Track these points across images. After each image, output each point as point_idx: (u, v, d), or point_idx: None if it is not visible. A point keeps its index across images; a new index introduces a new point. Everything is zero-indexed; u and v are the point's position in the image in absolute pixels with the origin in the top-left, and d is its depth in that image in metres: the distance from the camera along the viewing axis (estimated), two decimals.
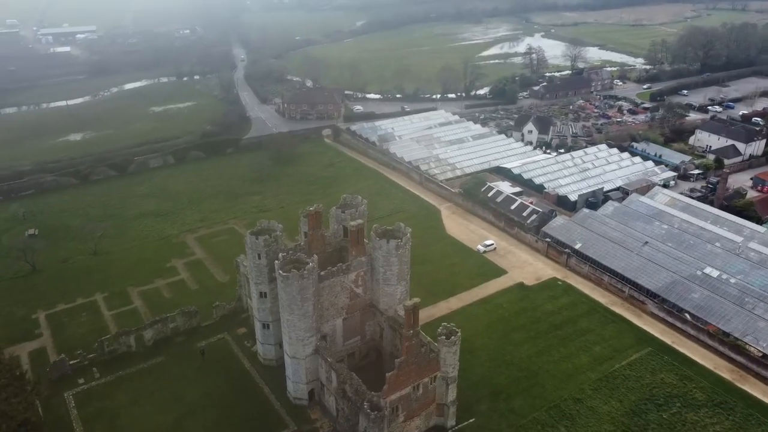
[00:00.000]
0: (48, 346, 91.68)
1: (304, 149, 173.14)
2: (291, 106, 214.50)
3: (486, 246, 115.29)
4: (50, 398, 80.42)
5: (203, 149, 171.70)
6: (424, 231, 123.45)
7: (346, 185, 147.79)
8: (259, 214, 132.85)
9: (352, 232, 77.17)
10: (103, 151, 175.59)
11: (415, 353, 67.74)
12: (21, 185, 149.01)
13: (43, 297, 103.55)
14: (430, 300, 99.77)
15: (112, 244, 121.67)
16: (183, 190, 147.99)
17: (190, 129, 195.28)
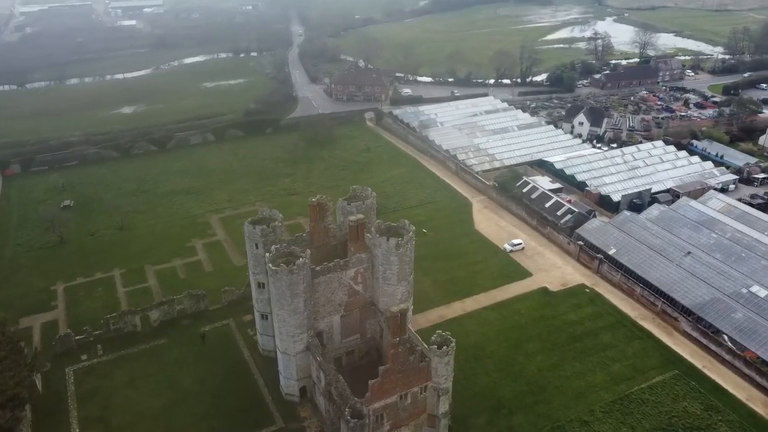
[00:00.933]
0: (61, 319, 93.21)
1: (343, 132, 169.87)
2: (338, 87, 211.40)
3: (513, 245, 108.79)
4: (52, 372, 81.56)
5: (243, 128, 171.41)
6: (451, 225, 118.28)
7: (379, 172, 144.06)
8: (287, 197, 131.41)
9: (351, 227, 73.23)
10: (149, 125, 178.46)
11: (402, 361, 63.52)
12: (65, 156, 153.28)
13: (64, 269, 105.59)
14: (444, 299, 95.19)
15: (139, 220, 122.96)
16: (217, 168, 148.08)
17: (236, 107, 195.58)
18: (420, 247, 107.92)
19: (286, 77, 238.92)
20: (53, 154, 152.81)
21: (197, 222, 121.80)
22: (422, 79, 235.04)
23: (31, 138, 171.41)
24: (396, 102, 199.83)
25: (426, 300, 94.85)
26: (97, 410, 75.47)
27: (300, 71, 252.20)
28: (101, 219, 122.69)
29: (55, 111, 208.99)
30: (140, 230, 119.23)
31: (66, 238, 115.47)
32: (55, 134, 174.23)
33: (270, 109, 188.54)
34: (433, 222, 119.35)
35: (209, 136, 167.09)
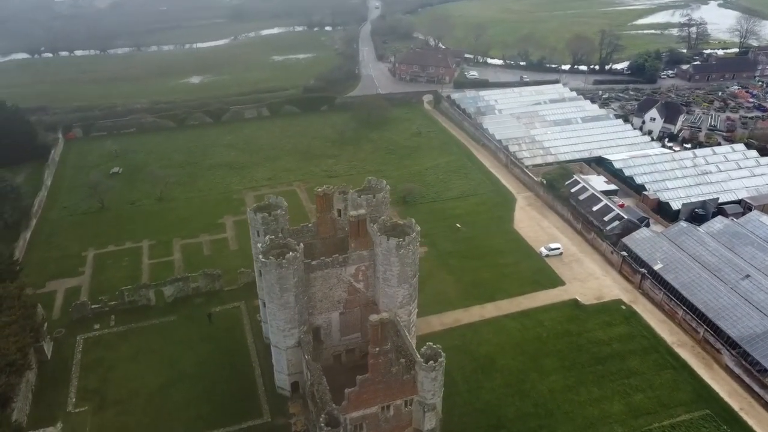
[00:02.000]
0: (84, 285, 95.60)
1: (397, 114, 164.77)
2: (402, 67, 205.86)
3: (551, 249, 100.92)
4: (64, 339, 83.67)
5: (299, 104, 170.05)
6: (488, 221, 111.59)
7: (425, 158, 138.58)
8: (326, 179, 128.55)
9: (352, 222, 69.14)
10: (210, 96, 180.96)
11: (383, 372, 59.39)
12: (124, 123, 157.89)
13: (98, 236, 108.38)
14: (463, 302, 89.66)
15: (179, 192, 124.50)
16: (264, 144, 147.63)
17: (299, 82, 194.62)
18: (450, 243, 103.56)
19: (354, 53, 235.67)
20: (113, 120, 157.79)
21: (232, 198, 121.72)
22: (492, 61, 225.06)
23: (101, 103, 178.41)
24: (460, 85, 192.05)
25: (444, 301, 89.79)
26: (97, 382, 76.51)
27: (369, 48, 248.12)
28: (144, 188, 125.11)
29: (130, 77, 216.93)
30: (177, 202, 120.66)
31: (107, 205, 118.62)
32: (123, 100, 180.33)
33: (329, 86, 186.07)
34: (469, 216, 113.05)
35: (264, 111, 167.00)
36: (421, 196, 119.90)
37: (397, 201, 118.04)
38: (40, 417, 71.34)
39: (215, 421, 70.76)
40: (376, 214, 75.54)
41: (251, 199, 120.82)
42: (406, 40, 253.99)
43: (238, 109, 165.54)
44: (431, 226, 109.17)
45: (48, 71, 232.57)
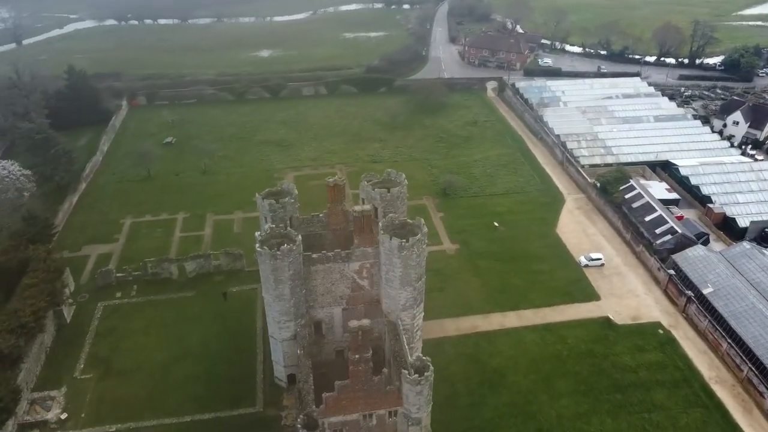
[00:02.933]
0: (115, 253, 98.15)
1: (456, 100, 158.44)
2: (471, 50, 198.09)
3: (591, 259, 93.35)
4: (86, 305, 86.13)
5: (357, 84, 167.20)
6: (530, 222, 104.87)
7: (476, 149, 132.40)
8: (368, 164, 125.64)
9: (356, 218, 65.80)
10: (275, 71, 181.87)
11: (363, 380, 56.25)
12: (186, 93, 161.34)
13: (138, 204, 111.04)
14: (485, 308, 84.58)
15: (223, 166, 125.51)
16: (315, 124, 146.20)
17: (364, 61, 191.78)
18: (484, 243, 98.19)
19: (426, 34, 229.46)
20: (175, 90, 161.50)
21: (273, 177, 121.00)
22: (571, 49, 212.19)
23: (170, 72, 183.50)
24: (530, 73, 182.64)
25: (465, 305, 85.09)
26: (107, 350, 78.19)
27: (443, 29, 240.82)
28: (191, 160, 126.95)
29: (203, 48, 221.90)
30: (219, 176, 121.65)
31: (153, 174, 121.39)
32: (192, 71, 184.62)
33: (393, 67, 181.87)
34: (511, 216, 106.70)
35: (322, 89, 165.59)
36: (462, 190, 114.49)
37: (437, 193, 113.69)
38: (49, 379, 73.70)
39: (209, 403, 70.40)
40: (390, 209, 71.90)
41: (290, 179, 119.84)
42: (483, 22, 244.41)
43: (297, 86, 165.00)
44: (467, 223, 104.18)
45: (130, 38, 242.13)
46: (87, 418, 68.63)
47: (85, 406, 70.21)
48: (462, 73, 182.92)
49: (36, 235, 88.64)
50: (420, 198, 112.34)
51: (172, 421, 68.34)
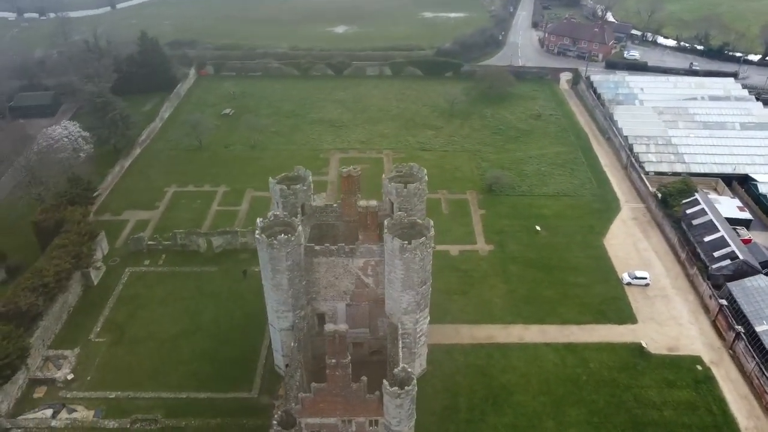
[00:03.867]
0: (153, 220, 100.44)
1: (522, 90, 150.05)
2: (551, 38, 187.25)
3: (635, 277, 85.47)
4: (115, 269, 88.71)
5: (423, 67, 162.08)
6: (576, 229, 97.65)
7: (533, 145, 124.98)
8: (416, 151, 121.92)
9: (361, 213, 62.72)
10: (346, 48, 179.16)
11: (341, 386, 53.66)
12: (252, 66, 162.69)
13: (184, 174, 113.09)
14: (506, 317, 79.62)
15: (273, 142, 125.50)
16: (372, 105, 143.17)
17: (437, 43, 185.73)
18: (520, 247, 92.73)
19: (507, 17, 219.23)
20: (243, 62, 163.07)
21: (319, 157, 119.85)
22: (664, 42, 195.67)
23: (244, 43, 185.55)
24: (612, 65, 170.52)
25: (485, 312, 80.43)
26: (124, 316, 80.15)
27: (527, 12, 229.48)
28: (243, 133, 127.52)
29: (281, 20, 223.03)
30: (267, 152, 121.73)
31: (204, 144, 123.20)
32: (266, 42, 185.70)
33: (465, 51, 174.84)
34: (557, 220, 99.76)
35: (386, 70, 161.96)
36: (510, 187, 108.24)
37: (482, 188, 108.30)
38: (66, 339, 76.48)
39: (207, 382, 70.48)
40: (405, 206, 68.35)
41: (335, 161, 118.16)
42: (572, 8, 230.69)
43: (362, 65, 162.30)
44: (508, 223, 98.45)
45: (216, 6, 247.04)
46: (91, 382, 70.58)
47: (92, 369, 72.25)
48: (537, 61, 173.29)
49: (76, 196, 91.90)
50: (463, 192, 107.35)
51: (169, 396, 68.95)
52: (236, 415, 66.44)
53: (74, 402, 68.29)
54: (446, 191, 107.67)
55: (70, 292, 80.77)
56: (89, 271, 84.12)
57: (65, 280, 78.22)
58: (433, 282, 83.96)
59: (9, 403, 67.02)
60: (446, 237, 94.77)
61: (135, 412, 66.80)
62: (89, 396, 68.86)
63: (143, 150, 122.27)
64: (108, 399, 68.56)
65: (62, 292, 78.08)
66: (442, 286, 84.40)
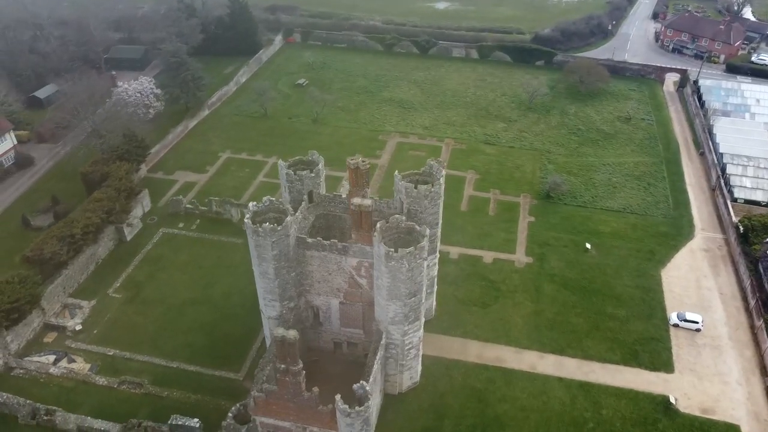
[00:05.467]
0: (200, 183, 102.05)
1: (617, 88, 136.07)
2: (667, 32, 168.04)
3: (685, 320, 74.69)
4: (150, 227, 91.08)
5: (513, 53, 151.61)
6: (632, 253, 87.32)
7: (610, 152, 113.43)
8: (479, 144, 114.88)
9: (354, 212, 58.48)
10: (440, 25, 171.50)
11: (293, 392, 50.73)
12: (338, 37, 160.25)
13: (241, 141, 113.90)
14: (522, 341, 72.82)
15: (335, 118, 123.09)
16: (448, 89, 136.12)
17: (539, 27, 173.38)
18: (562, 264, 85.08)
19: (626, 5, 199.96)
20: (328, 32, 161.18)
21: (377, 139, 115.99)
22: None
23: (340, 12, 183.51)
24: (734, 69, 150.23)
25: (501, 331, 73.99)
26: (144, 276, 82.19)
27: (650, 1, 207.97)
28: (309, 105, 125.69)
29: None
30: (326, 128, 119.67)
31: (270, 114, 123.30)
32: (362, 14, 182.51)
33: (565, 39, 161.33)
34: (613, 239, 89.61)
35: (473, 53, 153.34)
36: (570, 196, 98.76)
37: (538, 193, 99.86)
38: (86, 290, 79.73)
39: (199, 356, 70.63)
40: (416, 208, 63.52)
41: (392, 145, 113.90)
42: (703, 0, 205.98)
43: (448, 46, 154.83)
44: (555, 236, 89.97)
45: None
46: (96, 336, 73.06)
47: (101, 323, 74.79)
48: (645, 58, 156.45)
49: (126, 152, 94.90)
50: (517, 195, 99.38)
51: (160, 363, 69.85)
52: (217, 394, 65.89)
53: (76, 353, 71.11)
54: (498, 191, 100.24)
55: (101, 245, 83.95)
56: (123, 227, 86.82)
57: (94, 234, 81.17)
58: (455, 290, 79.84)
59: (20, 343, 70.95)
60: (483, 242, 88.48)
61: (125, 373, 68.39)
62: (90, 349, 71.35)
63: (211, 113, 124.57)
64: (105, 356, 70.67)
65: (90, 245, 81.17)
66: (463, 295, 78.92)
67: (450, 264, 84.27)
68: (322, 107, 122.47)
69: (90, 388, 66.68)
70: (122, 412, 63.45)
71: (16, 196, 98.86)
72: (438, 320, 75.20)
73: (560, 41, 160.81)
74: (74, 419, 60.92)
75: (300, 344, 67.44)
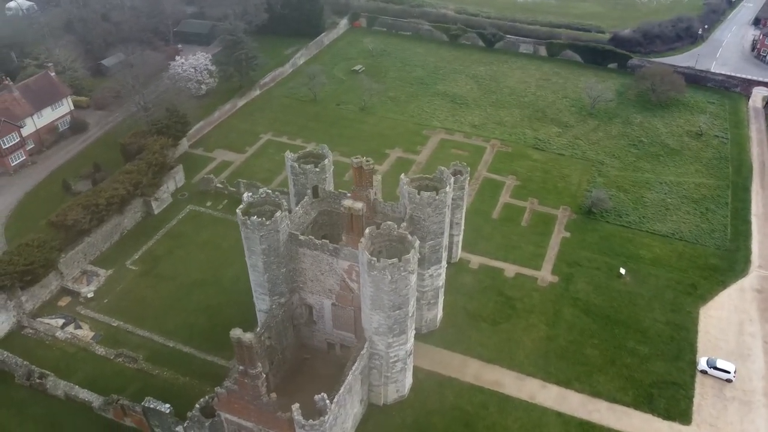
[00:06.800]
0: (236, 163, 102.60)
1: (693, 100, 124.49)
2: (765, 41, 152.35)
3: (715, 368, 67.20)
4: (178, 203, 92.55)
5: (584, 53, 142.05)
6: (670, 285, 79.87)
7: (671, 169, 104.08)
8: (526, 148, 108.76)
9: (344, 215, 56.00)
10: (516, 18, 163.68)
11: (252, 394, 49.27)
12: (404, 24, 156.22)
13: (285, 124, 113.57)
14: (526, 368, 68.25)
15: (383, 108, 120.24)
16: (508, 87, 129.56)
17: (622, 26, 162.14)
18: (589, 288, 79.75)
19: (724, 8, 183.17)
20: (394, 19, 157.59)
21: (420, 133, 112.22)
22: None
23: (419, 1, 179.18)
24: None
25: (506, 353, 69.70)
26: (163, 251, 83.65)
27: (753, 4, 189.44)
28: (358, 93, 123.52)
29: None
30: (372, 117, 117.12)
31: (319, 98, 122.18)
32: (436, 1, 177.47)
33: (647, 42, 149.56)
34: (652, 267, 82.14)
35: (541, 50, 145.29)
36: (614, 214, 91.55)
37: (579, 207, 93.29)
38: (106, 258, 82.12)
39: (196, 338, 71.09)
40: (419, 215, 60.51)
41: (435, 141, 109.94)
42: None
43: (515, 41, 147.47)
44: (588, 256, 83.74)
45: None
46: (105, 305, 75.09)
47: (112, 293, 76.79)
48: (735, 68, 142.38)
49: (166, 127, 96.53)
50: (555, 207, 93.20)
51: (158, 340, 70.85)
52: (205, 379, 65.81)
53: (84, 320, 73.36)
54: (536, 201, 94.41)
55: (127, 216, 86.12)
56: (150, 201, 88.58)
57: (118, 205, 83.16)
58: (466, 302, 76.06)
59: (35, 303, 73.99)
60: (509, 254, 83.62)
61: (124, 346, 69.89)
62: (97, 318, 73.42)
63: (262, 93, 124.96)
64: (110, 326, 72.48)
65: (115, 215, 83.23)
66: (474, 308, 74.98)
67: (468, 274, 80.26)
68: (370, 96, 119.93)
69: (88, 356, 68.58)
70: (112, 385, 64.83)
71: (65, 159, 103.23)
72: (442, 332, 71.84)
73: (640, 43, 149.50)
74: (63, 386, 62.71)
75: (294, 340, 67.17)
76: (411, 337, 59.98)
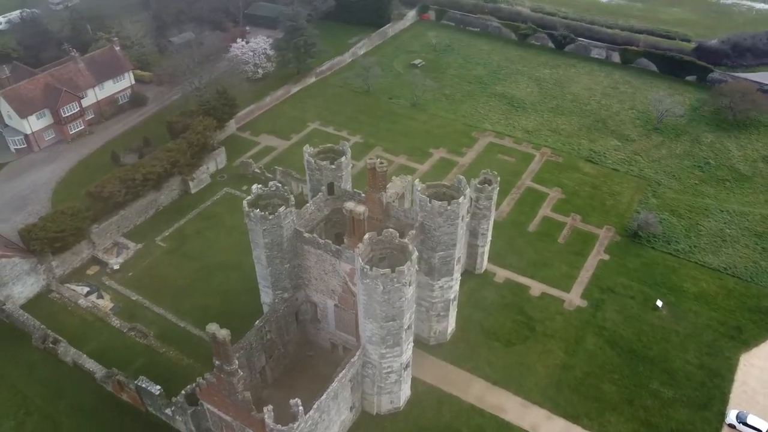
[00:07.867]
0: (279, 149, 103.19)
1: None
2: None
3: (745, 424, 61.03)
4: (217, 185, 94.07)
5: (660, 62, 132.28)
6: (711, 325, 73.26)
7: (736, 197, 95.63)
8: (577, 159, 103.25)
9: (347, 218, 54.36)
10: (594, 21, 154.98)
11: (229, 390, 48.87)
12: (473, 20, 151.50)
13: (335, 114, 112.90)
14: (532, 395, 64.66)
15: (435, 106, 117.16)
16: (570, 93, 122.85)
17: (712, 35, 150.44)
18: (619, 317, 75.23)
19: None
20: (463, 14, 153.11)
21: (469, 135, 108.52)
22: None
23: None
24: None
25: (515, 378, 66.12)
26: (192, 231, 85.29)
27: None
28: (413, 88, 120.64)
29: None
30: (422, 114, 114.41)
31: (373, 90, 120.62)
32: None
33: (735, 54, 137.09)
34: (694, 303, 75.56)
35: (614, 56, 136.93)
36: (663, 239, 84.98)
37: (625, 228, 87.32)
38: (138, 232, 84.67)
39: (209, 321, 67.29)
40: (430, 223, 58.19)
41: (481, 145, 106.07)
42: None
43: (586, 45, 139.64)
44: (625, 283, 78.25)
45: None
46: (129, 278, 77.43)
47: (138, 267, 79.08)
48: None
49: (213, 109, 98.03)
50: (599, 226, 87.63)
51: (171, 319, 72.29)
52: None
53: (107, 290, 75.94)
54: (579, 217, 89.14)
55: (163, 193, 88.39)
56: (188, 180, 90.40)
57: (155, 181, 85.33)
58: (484, 317, 73.14)
59: (65, 270, 77.28)
60: (538, 271, 79.43)
61: (139, 320, 71.80)
62: (119, 290, 75.85)
63: (316, 81, 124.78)
64: (129, 299, 74.65)
65: (152, 191, 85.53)
66: (490, 325, 71.83)
67: (491, 288, 76.88)
68: (423, 92, 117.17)
69: (104, 327, 70.94)
70: (120, 357, 66.79)
71: (121, 131, 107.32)
72: (451, 346, 69.18)
73: (728, 56, 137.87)
74: (72, 353, 65.05)
75: (298, 336, 66.66)
76: (407, 350, 57.87)
